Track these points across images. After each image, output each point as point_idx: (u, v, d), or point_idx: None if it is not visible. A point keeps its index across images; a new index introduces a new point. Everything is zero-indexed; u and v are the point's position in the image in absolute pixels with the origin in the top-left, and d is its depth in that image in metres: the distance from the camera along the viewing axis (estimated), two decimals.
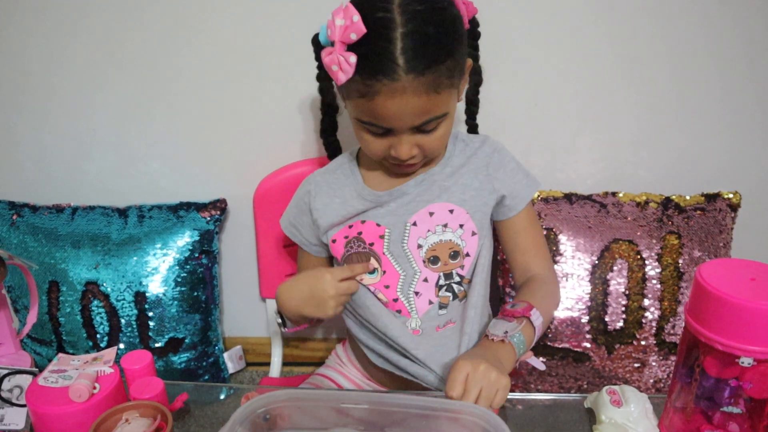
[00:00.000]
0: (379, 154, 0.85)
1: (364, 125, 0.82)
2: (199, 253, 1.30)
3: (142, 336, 1.28)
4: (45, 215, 1.31)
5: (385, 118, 0.79)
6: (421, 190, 0.91)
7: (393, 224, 0.91)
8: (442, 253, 0.90)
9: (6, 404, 0.73)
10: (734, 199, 1.22)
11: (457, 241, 0.90)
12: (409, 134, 0.81)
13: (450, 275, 0.91)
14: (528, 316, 0.80)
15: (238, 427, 0.62)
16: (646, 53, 1.19)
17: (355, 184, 0.94)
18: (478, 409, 0.63)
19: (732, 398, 0.64)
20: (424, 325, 0.91)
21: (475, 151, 0.94)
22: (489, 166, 0.93)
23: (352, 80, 0.76)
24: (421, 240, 0.90)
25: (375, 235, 0.91)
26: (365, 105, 0.78)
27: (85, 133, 1.32)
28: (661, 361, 1.18)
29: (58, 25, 1.22)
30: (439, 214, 0.90)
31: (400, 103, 0.76)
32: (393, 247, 0.91)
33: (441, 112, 0.80)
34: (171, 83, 1.26)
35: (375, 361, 0.96)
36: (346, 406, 0.65)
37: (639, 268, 1.18)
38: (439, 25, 0.76)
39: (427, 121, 0.79)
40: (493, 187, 0.92)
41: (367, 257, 0.91)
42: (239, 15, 1.19)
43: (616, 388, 0.74)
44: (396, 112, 0.77)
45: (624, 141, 1.27)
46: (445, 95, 0.79)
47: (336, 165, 0.98)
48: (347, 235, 0.93)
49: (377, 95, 0.76)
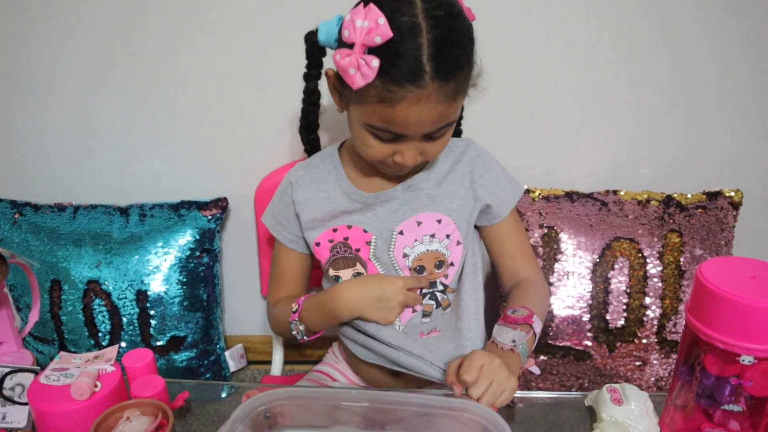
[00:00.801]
0: (380, 159, 0.82)
1: (373, 130, 0.79)
2: (201, 252, 1.30)
3: (144, 334, 1.28)
4: (47, 214, 1.31)
5: (404, 125, 0.76)
6: (409, 197, 0.90)
7: (380, 231, 0.89)
8: (428, 263, 0.89)
9: (8, 402, 0.73)
10: (736, 197, 1.21)
11: (443, 251, 0.89)
12: (418, 141, 0.79)
13: (434, 284, 0.90)
14: (531, 323, 0.80)
15: (239, 424, 0.62)
16: (647, 52, 1.19)
17: (339, 181, 0.92)
18: (478, 407, 0.63)
19: (732, 396, 0.64)
20: (407, 330, 0.91)
21: (459, 156, 0.93)
22: (473, 172, 0.91)
23: (370, 85, 0.73)
24: (407, 249, 0.89)
25: (361, 241, 0.90)
26: (384, 111, 0.75)
27: (86, 132, 1.33)
28: (663, 360, 1.18)
29: (59, 25, 1.23)
30: (428, 224, 0.89)
31: (423, 111, 0.74)
32: (379, 253, 0.89)
33: (453, 119, 0.79)
34: (172, 82, 1.26)
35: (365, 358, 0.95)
36: (347, 404, 0.66)
37: (640, 266, 1.18)
38: (460, 32, 0.75)
39: (440, 128, 0.78)
40: (477, 194, 0.91)
41: (353, 262, 0.91)
42: (240, 14, 1.19)
43: (616, 386, 0.74)
44: (417, 119, 0.75)
45: (625, 139, 1.27)
46: (460, 102, 0.79)
47: (318, 160, 0.96)
48: (332, 239, 0.91)
49: (400, 102, 0.73)
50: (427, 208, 0.89)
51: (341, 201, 0.91)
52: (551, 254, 1.20)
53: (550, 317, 1.19)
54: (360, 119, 0.79)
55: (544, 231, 1.21)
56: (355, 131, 0.83)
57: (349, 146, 0.95)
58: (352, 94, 0.77)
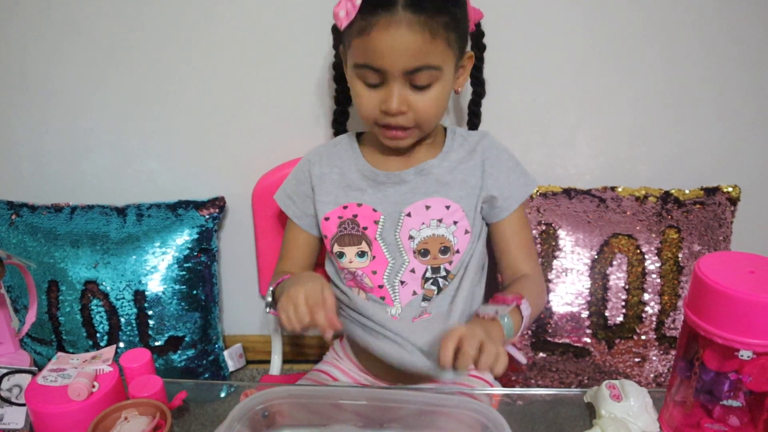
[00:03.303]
0: (372, 114, 0.86)
1: (358, 72, 0.84)
2: (198, 252, 1.30)
3: (142, 335, 1.28)
4: (43, 215, 1.31)
5: (380, 56, 0.80)
6: (420, 181, 0.92)
7: (389, 212, 0.92)
8: (432, 247, 0.91)
9: (5, 403, 0.73)
10: (734, 192, 1.21)
11: (449, 237, 0.91)
12: (401, 84, 0.82)
13: (438, 269, 0.92)
14: (519, 304, 0.82)
15: (237, 424, 0.62)
16: (643, 48, 1.18)
17: (355, 159, 0.96)
18: (476, 404, 0.63)
19: (732, 391, 0.64)
20: (403, 314, 0.92)
21: (474, 146, 0.95)
22: (485, 162, 0.93)
23: (353, 23, 0.80)
24: (413, 231, 0.91)
25: (370, 220, 0.92)
26: (362, 43, 0.80)
27: (83, 132, 1.32)
28: (662, 356, 1.18)
29: (55, 25, 1.22)
30: (436, 208, 0.91)
31: (395, 38, 0.78)
32: (386, 233, 0.92)
33: (435, 63, 0.81)
34: (168, 81, 1.26)
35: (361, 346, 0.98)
36: (345, 403, 0.65)
37: (639, 262, 1.18)
38: None
39: (419, 67, 0.80)
40: (485, 183, 0.92)
41: (359, 240, 0.93)
42: (236, 13, 1.18)
43: (615, 382, 0.74)
44: (389, 46, 0.79)
45: (623, 135, 1.27)
46: (440, 46, 0.81)
47: (337, 140, 1.01)
48: (341, 215, 0.94)
49: (373, 29, 0.78)
50: (437, 194, 0.92)
51: (354, 177, 0.95)
52: (549, 251, 1.20)
53: (548, 314, 1.19)
54: (351, 68, 0.85)
55: (542, 228, 1.21)
56: (350, 86, 0.88)
57: (369, 132, 0.99)
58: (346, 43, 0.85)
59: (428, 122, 0.88)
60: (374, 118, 0.87)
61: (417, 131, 0.88)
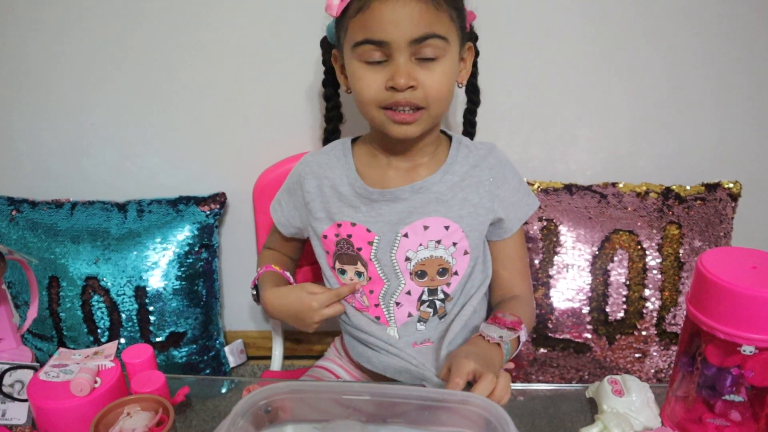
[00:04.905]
0: (376, 96, 0.79)
1: (358, 52, 0.78)
2: (199, 247, 1.30)
3: (143, 330, 1.28)
4: (44, 211, 1.31)
5: (381, 27, 0.75)
6: (418, 199, 0.87)
7: (383, 232, 0.87)
8: (430, 269, 0.87)
9: (7, 399, 0.73)
10: (734, 188, 1.21)
11: (447, 258, 0.87)
12: (407, 58, 0.76)
13: (435, 291, 0.89)
14: (519, 330, 0.80)
15: (240, 419, 0.62)
16: (644, 44, 1.18)
17: (347, 171, 0.90)
18: (480, 399, 0.63)
19: (734, 387, 0.64)
20: (400, 333, 0.91)
21: (478, 161, 0.89)
22: (492, 181, 0.88)
23: (348, 6, 0.77)
24: (410, 253, 0.87)
25: (364, 241, 0.88)
26: (361, 19, 0.76)
27: (83, 128, 1.32)
28: (662, 351, 1.18)
29: (55, 21, 1.22)
30: (434, 228, 0.86)
31: (396, 5, 0.74)
32: (380, 255, 0.88)
33: (441, 32, 0.76)
34: (169, 77, 1.26)
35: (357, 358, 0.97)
36: (348, 398, 0.65)
37: (639, 258, 1.18)
38: None
39: (426, 35, 0.75)
40: (493, 206, 0.88)
41: (354, 260, 0.90)
42: (237, 9, 1.18)
43: (617, 378, 0.74)
44: (391, 15, 0.74)
45: (623, 131, 1.27)
46: (445, 18, 0.77)
47: (329, 148, 0.96)
48: (337, 233, 0.90)
49: (373, 1, 0.74)
50: (436, 213, 0.86)
51: (345, 192, 0.89)
52: (550, 247, 1.20)
53: (549, 310, 1.19)
54: (349, 54, 0.80)
55: (544, 224, 1.21)
56: (351, 77, 0.82)
57: (364, 139, 0.94)
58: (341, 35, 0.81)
59: (437, 102, 0.80)
60: (379, 101, 0.79)
61: (426, 115, 0.81)
